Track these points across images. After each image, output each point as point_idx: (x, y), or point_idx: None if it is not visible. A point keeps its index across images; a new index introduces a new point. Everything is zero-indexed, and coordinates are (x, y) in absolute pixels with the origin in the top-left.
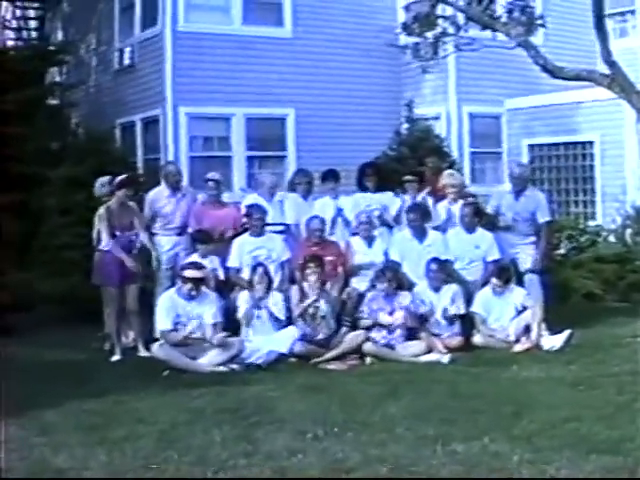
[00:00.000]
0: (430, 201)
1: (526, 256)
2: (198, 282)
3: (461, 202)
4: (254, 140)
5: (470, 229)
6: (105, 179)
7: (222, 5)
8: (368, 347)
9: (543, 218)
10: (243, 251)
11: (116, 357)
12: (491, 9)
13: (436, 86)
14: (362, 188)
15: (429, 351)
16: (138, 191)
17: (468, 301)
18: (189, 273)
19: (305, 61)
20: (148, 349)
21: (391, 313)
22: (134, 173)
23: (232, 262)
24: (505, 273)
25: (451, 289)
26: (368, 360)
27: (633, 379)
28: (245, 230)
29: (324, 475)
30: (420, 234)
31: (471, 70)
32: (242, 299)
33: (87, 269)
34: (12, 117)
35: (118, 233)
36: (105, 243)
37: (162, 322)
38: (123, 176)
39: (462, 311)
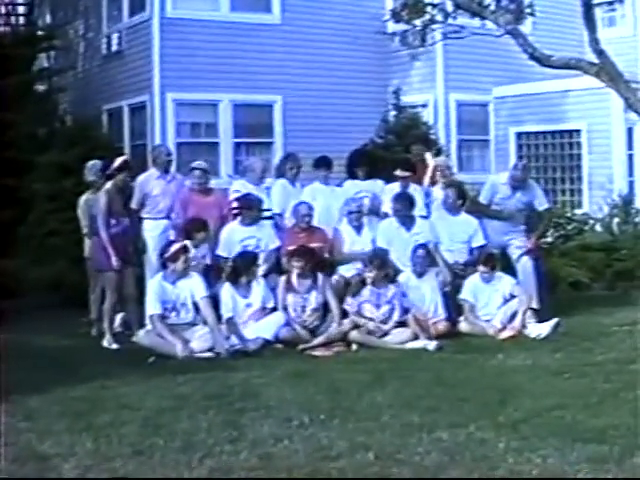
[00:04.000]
0: (419, 190)
1: (518, 243)
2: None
3: (439, 186)
4: (241, 126)
5: (453, 211)
6: (98, 163)
7: None
8: (354, 335)
9: (542, 206)
10: (233, 240)
11: (114, 345)
12: None
13: (424, 74)
14: (352, 176)
15: (415, 338)
16: (134, 175)
17: (455, 289)
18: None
19: (293, 48)
20: None
21: (377, 307)
22: (129, 157)
23: (222, 251)
24: (490, 259)
25: (433, 270)
26: (354, 347)
27: (619, 367)
28: (235, 216)
29: (310, 462)
30: (407, 223)
31: (459, 58)
32: (225, 293)
33: (74, 255)
34: (1, 103)
35: (113, 221)
36: (104, 228)
37: (152, 307)
38: (121, 159)
39: (448, 278)
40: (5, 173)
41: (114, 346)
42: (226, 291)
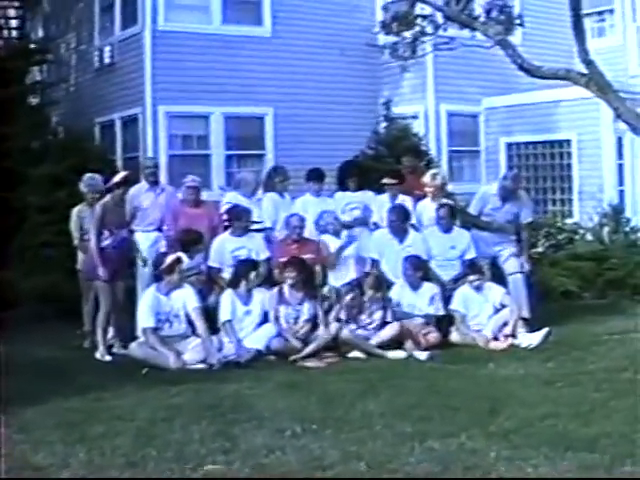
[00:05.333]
0: (408, 201)
1: (508, 253)
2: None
3: (428, 201)
4: (233, 139)
5: (447, 229)
6: (95, 175)
7: (202, 4)
8: (345, 334)
9: (526, 219)
10: (224, 251)
11: (107, 357)
12: (469, 8)
13: (414, 85)
14: (343, 187)
15: (400, 336)
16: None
17: (445, 300)
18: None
19: (284, 60)
20: (125, 347)
21: (370, 314)
22: (130, 171)
23: (213, 262)
24: (476, 266)
25: (430, 290)
26: (351, 354)
27: (610, 376)
28: (226, 228)
29: (302, 472)
30: (400, 234)
31: (449, 69)
32: (226, 298)
33: (68, 267)
34: None
35: (107, 233)
36: (94, 240)
37: (144, 320)
38: (122, 175)
39: (441, 312)
40: None
41: (107, 358)
42: (227, 296)
